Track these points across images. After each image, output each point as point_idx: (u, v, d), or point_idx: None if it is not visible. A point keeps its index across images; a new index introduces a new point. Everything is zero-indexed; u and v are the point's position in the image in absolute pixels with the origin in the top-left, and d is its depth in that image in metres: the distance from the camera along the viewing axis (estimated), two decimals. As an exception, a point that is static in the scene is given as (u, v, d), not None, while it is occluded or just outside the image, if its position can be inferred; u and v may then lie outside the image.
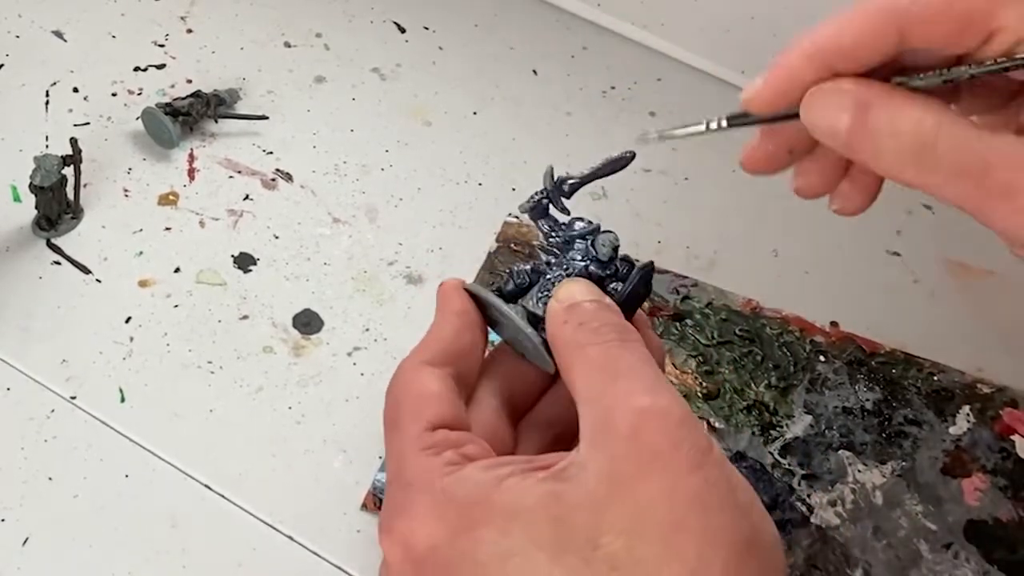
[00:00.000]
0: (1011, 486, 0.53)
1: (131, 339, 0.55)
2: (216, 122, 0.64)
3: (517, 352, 0.43)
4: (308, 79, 0.67)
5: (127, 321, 0.56)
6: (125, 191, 0.61)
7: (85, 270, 0.57)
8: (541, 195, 0.44)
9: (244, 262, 0.58)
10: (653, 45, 0.71)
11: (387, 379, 0.54)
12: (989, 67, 0.35)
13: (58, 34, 0.68)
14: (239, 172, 0.62)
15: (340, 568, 0.49)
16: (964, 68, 0.35)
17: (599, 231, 0.43)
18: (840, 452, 0.53)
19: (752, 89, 0.38)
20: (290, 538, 0.49)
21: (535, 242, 0.60)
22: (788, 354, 0.57)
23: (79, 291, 0.56)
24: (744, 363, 0.56)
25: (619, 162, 0.44)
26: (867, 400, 0.55)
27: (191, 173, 0.62)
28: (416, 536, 0.35)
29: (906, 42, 0.35)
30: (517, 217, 0.61)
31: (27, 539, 0.48)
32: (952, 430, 0.55)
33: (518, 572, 0.34)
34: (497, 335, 0.44)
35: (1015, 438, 0.55)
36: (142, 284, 0.57)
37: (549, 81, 0.69)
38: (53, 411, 0.52)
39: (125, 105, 0.64)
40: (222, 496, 0.50)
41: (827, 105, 0.36)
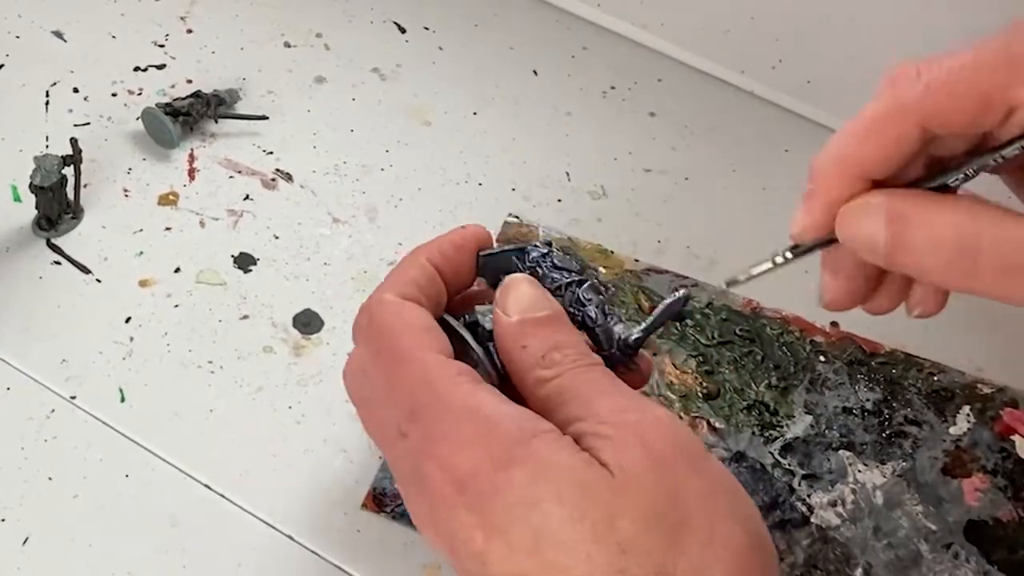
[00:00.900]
0: (1011, 486, 0.53)
1: (131, 339, 0.55)
2: (216, 122, 0.64)
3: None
4: (308, 79, 0.67)
5: (127, 321, 0.56)
6: (125, 191, 0.61)
7: (85, 270, 0.57)
8: (573, 287, 0.44)
9: (244, 262, 0.58)
10: (653, 45, 0.71)
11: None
12: (1013, 150, 0.34)
13: (58, 34, 0.68)
14: (239, 172, 0.62)
15: (340, 568, 0.49)
16: (988, 157, 0.35)
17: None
18: (840, 452, 0.53)
19: (797, 224, 0.39)
20: (290, 538, 0.49)
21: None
22: (788, 354, 0.57)
23: (79, 291, 0.56)
24: (744, 363, 0.56)
25: (675, 306, 0.44)
26: (867, 400, 0.55)
27: (191, 173, 0.62)
28: (461, 459, 0.36)
29: (928, 133, 0.35)
30: (517, 217, 0.61)
31: (27, 539, 0.48)
32: (952, 430, 0.55)
33: (538, 522, 0.34)
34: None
35: (1015, 438, 0.55)
36: (142, 284, 0.57)
37: (549, 81, 0.69)
38: (53, 411, 0.52)
39: (125, 105, 0.64)
40: (222, 496, 0.50)
41: (861, 224, 0.36)
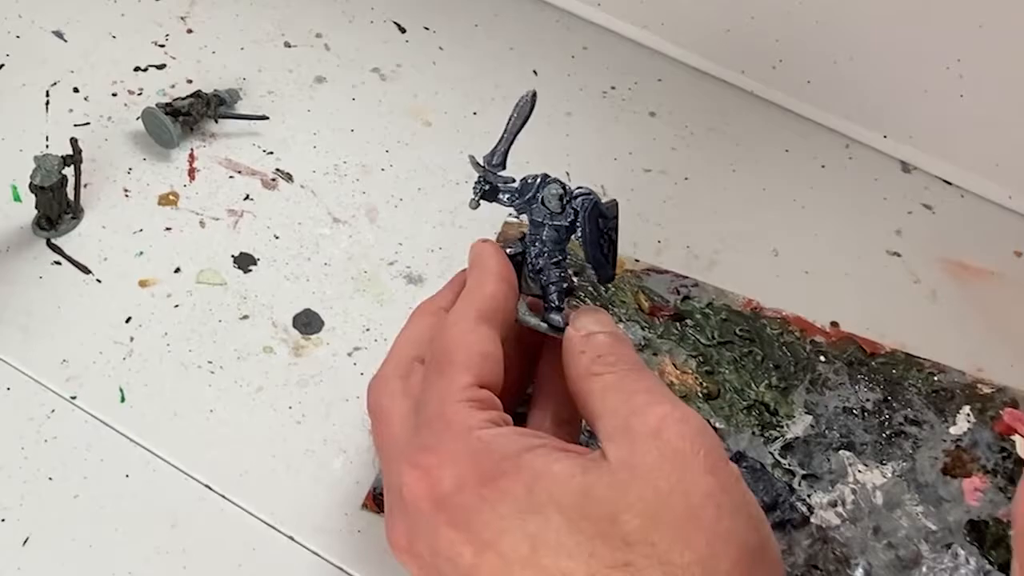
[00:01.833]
0: (1011, 486, 0.53)
1: (131, 339, 0.55)
2: (216, 122, 0.64)
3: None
4: (308, 79, 0.67)
5: (127, 321, 0.56)
6: (125, 191, 0.61)
7: (85, 270, 0.57)
8: (480, 182, 0.46)
9: (244, 262, 0.58)
10: (653, 45, 0.71)
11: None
12: None
13: (58, 34, 0.68)
14: (239, 172, 0.62)
15: (340, 568, 0.49)
16: None
17: (544, 184, 0.44)
18: (840, 452, 0.53)
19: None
20: (290, 538, 0.49)
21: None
22: (788, 354, 0.57)
23: (79, 291, 0.56)
24: (744, 363, 0.56)
25: (525, 106, 0.45)
26: (867, 400, 0.55)
27: (191, 173, 0.62)
28: (444, 473, 0.36)
29: None
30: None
31: (27, 539, 0.48)
32: (952, 430, 0.55)
33: (535, 530, 0.34)
34: None
35: (1015, 438, 0.55)
36: (142, 284, 0.57)
37: (549, 81, 0.69)
38: (53, 411, 0.52)
39: (125, 105, 0.64)
40: (222, 496, 0.50)
41: None
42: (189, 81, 0.66)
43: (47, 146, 0.62)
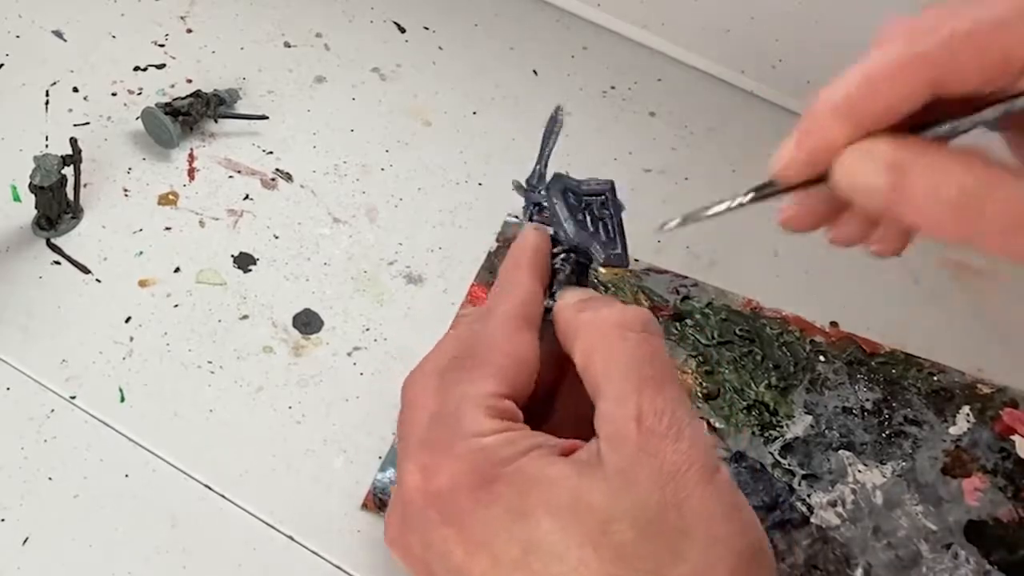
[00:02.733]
0: (1011, 486, 0.53)
1: (131, 339, 0.55)
2: (216, 122, 0.64)
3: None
4: (308, 79, 0.67)
5: (127, 321, 0.56)
6: (125, 191, 0.61)
7: (85, 270, 0.57)
8: (528, 206, 0.46)
9: (244, 262, 0.58)
10: (653, 45, 0.71)
11: (387, 378, 0.55)
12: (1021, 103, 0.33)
13: (58, 34, 0.68)
14: (239, 172, 0.62)
15: (340, 568, 0.49)
16: (997, 107, 0.33)
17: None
18: (840, 452, 0.53)
19: (784, 157, 0.37)
20: (290, 538, 0.49)
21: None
22: (788, 354, 0.57)
23: (79, 291, 0.56)
24: (744, 363, 0.56)
25: (553, 123, 0.45)
26: (867, 400, 0.55)
27: (191, 173, 0.62)
28: (441, 471, 0.36)
29: (939, 90, 0.34)
30: (517, 217, 0.61)
31: (27, 539, 0.48)
32: (952, 430, 0.55)
33: (526, 534, 0.34)
34: None
35: (1015, 438, 0.55)
36: (142, 284, 0.57)
37: (549, 81, 0.69)
38: (53, 411, 0.52)
39: (125, 105, 0.64)
40: (222, 496, 0.50)
41: (861, 171, 0.35)
42: (189, 81, 0.66)
43: (47, 146, 0.62)
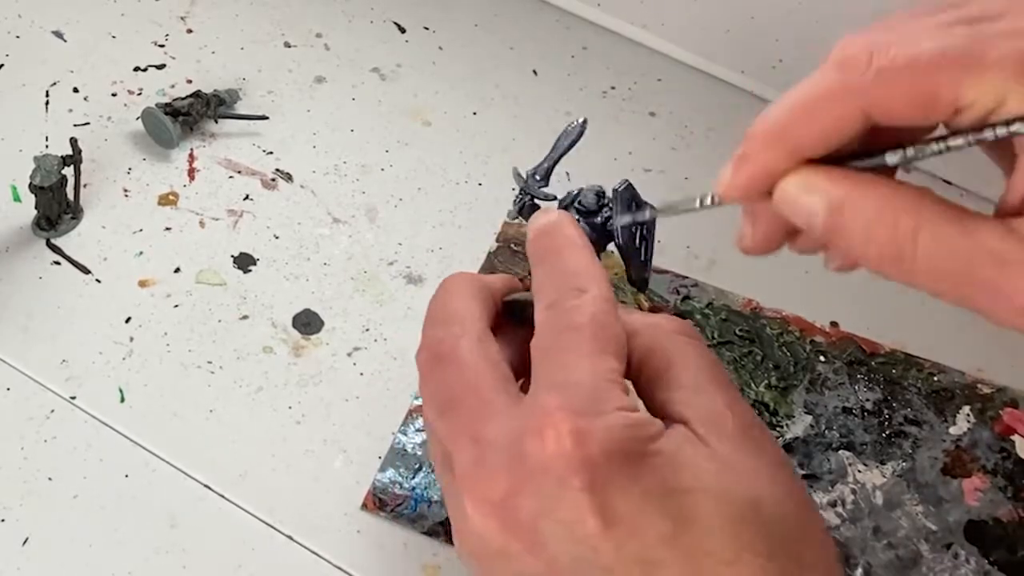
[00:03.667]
0: (1011, 486, 0.53)
1: (131, 339, 0.55)
2: (216, 122, 0.64)
3: None
4: (308, 79, 0.67)
5: (127, 321, 0.56)
6: (125, 191, 0.61)
7: (85, 270, 0.57)
8: (522, 196, 0.46)
9: (244, 262, 0.58)
10: (653, 45, 0.71)
11: (387, 379, 0.55)
12: (955, 143, 0.34)
13: (58, 34, 0.68)
14: (239, 172, 0.62)
15: (340, 568, 0.49)
16: (934, 146, 0.35)
17: (585, 189, 0.45)
18: (840, 452, 0.53)
19: (723, 182, 0.38)
20: (290, 538, 0.49)
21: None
22: (788, 354, 0.57)
23: (79, 291, 0.56)
24: (744, 363, 0.56)
25: (574, 131, 0.45)
26: (867, 400, 0.55)
27: (191, 173, 0.62)
28: (594, 439, 0.34)
29: (871, 120, 0.35)
30: (516, 218, 0.61)
31: (27, 539, 0.48)
32: (952, 430, 0.55)
33: (682, 510, 0.34)
34: None
35: (1015, 438, 0.55)
36: (142, 284, 0.57)
37: (549, 81, 0.69)
38: (53, 411, 0.52)
39: (125, 105, 0.64)
40: (222, 496, 0.50)
41: (799, 203, 0.36)
42: (189, 81, 0.66)
43: (47, 146, 0.62)
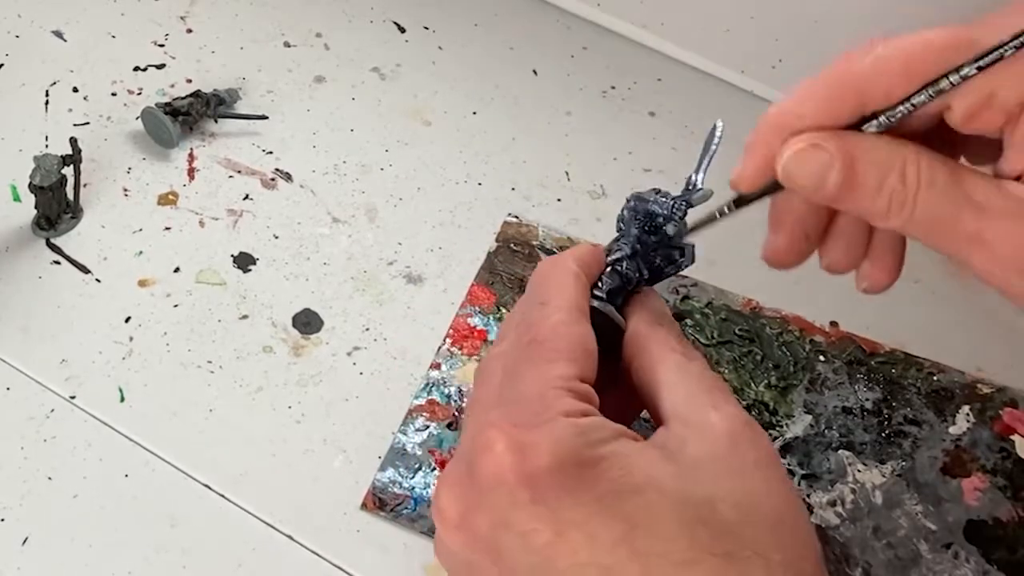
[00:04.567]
0: (1011, 486, 0.53)
1: (131, 339, 0.55)
2: (216, 122, 0.64)
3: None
4: (308, 79, 0.67)
5: (127, 321, 0.56)
6: (125, 191, 0.61)
7: (85, 270, 0.57)
8: (641, 220, 0.47)
9: (244, 262, 0.58)
10: (653, 45, 0.71)
11: (387, 378, 0.55)
12: (918, 99, 0.35)
13: (58, 34, 0.68)
14: (239, 172, 0.62)
15: (340, 568, 0.49)
16: (901, 108, 0.36)
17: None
18: (840, 452, 0.53)
19: (736, 171, 0.40)
20: (290, 538, 0.49)
21: (534, 242, 0.60)
22: (788, 354, 0.57)
23: (79, 291, 0.56)
24: (744, 363, 0.56)
25: (713, 136, 0.47)
26: (867, 400, 0.55)
27: (191, 173, 0.62)
28: (540, 451, 0.35)
29: (866, 105, 0.36)
30: (517, 217, 0.61)
31: (27, 539, 0.48)
32: (952, 430, 0.55)
33: (634, 511, 0.34)
34: None
35: (1015, 438, 0.55)
36: (142, 284, 0.57)
37: (549, 81, 0.69)
38: (53, 411, 0.52)
39: (125, 105, 0.64)
40: (222, 496, 0.50)
41: (810, 163, 0.37)
42: (188, 81, 0.66)
43: (46, 146, 0.62)
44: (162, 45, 0.68)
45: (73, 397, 0.53)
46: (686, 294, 0.59)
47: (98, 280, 0.57)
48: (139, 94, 0.65)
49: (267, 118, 0.64)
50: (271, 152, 0.63)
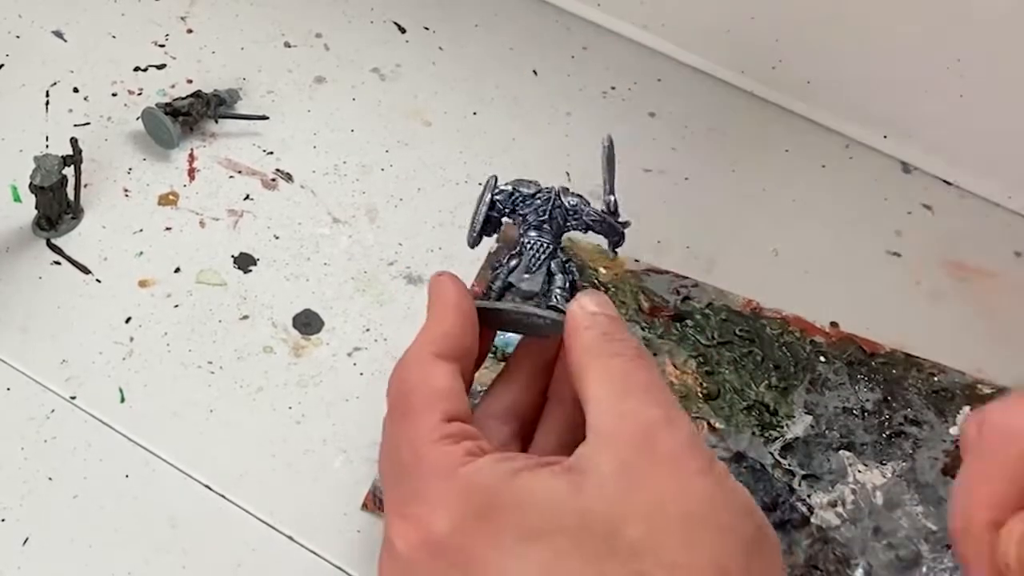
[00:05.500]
0: (1011, 486, 0.53)
1: (131, 339, 0.55)
2: (216, 122, 0.64)
3: (525, 335, 0.45)
4: (308, 79, 0.67)
5: (127, 321, 0.56)
6: (125, 191, 0.61)
7: (85, 270, 0.57)
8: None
9: (244, 262, 0.58)
10: (653, 45, 0.71)
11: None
12: None
13: (58, 34, 0.68)
14: (239, 172, 0.62)
15: (340, 568, 0.49)
16: None
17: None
18: (840, 452, 0.53)
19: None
20: (290, 538, 0.49)
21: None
22: (788, 354, 0.57)
23: (79, 291, 0.56)
24: (744, 363, 0.56)
25: (609, 151, 0.45)
26: (867, 400, 0.55)
27: (191, 173, 0.62)
28: (436, 520, 0.35)
29: None
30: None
31: (27, 539, 0.48)
32: (952, 430, 0.55)
33: (541, 556, 0.34)
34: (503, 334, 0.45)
35: (1015, 438, 0.54)
36: (142, 284, 0.57)
37: (549, 81, 0.69)
38: (53, 411, 0.52)
39: (125, 105, 0.64)
40: (222, 496, 0.50)
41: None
42: (189, 81, 0.66)
43: (47, 146, 0.62)
44: (162, 45, 0.68)
45: (73, 397, 0.53)
46: (686, 295, 0.59)
47: (98, 280, 0.57)
48: (139, 94, 0.65)
49: (267, 118, 0.64)
50: (271, 152, 0.63)
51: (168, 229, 0.59)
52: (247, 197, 0.61)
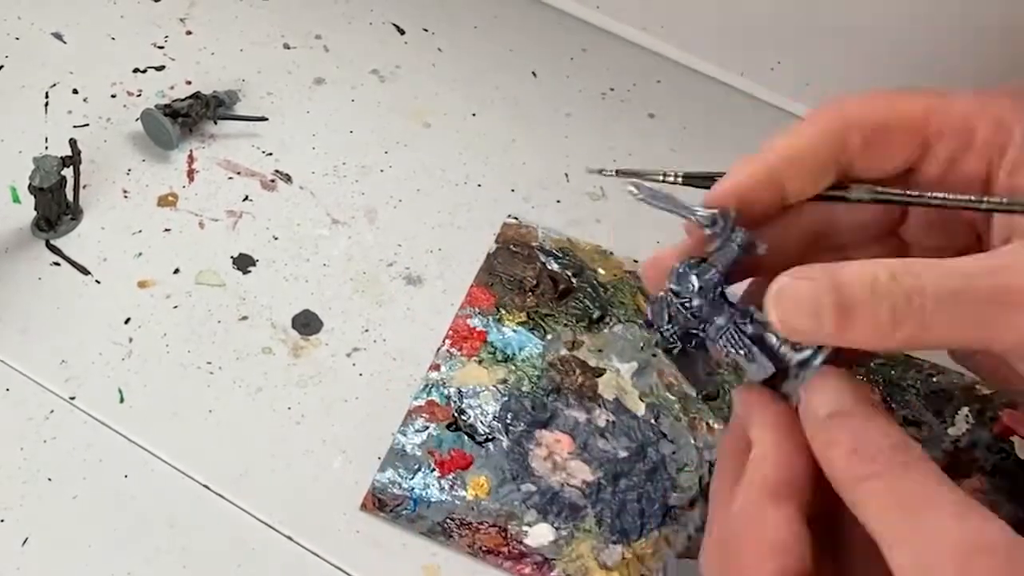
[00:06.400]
0: (1010, 488, 0.53)
1: (130, 340, 0.55)
2: (215, 123, 0.64)
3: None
4: (307, 80, 0.67)
5: (126, 322, 0.56)
6: (124, 192, 0.61)
7: (84, 271, 0.57)
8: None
9: (243, 263, 0.58)
10: (652, 47, 0.71)
11: (387, 379, 0.55)
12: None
13: (58, 36, 0.68)
14: (238, 173, 0.62)
15: (340, 568, 0.49)
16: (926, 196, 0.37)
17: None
18: (839, 453, 0.53)
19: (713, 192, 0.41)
20: (290, 538, 0.49)
21: (534, 243, 0.60)
22: (787, 355, 0.57)
23: (78, 292, 0.56)
24: (743, 364, 0.56)
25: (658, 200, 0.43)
26: (866, 401, 0.55)
27: (190, 174, 0.62)
28: None
29: (850, 155, 0.37)
30: (516, 218, 0.61)
31: (27, 539, 0.48)
32: (951, 431, 0.55)
33: None
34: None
35: (1014, 439, 0.55)
36: (141, 285, 0.57)
37: (548, 83, 0.69)
38: (52, 411, 0.52)
39: (124, 106, 0.64)
40: (222, 496, 0.50)
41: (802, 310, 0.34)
42: (188, 82, 0.66)
43: (46, 147, 0.62)
44: (162, 47, 0.68)
45: (73, 398, 0.53)
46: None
47: (98, 281, 0.57)
48: (139, 96, 0.65)
49: (267, 120, 0.64)
50: (271, 154, 0.63)
51: (167, 230, 0.59)
52: (246, 198, 0.61)
